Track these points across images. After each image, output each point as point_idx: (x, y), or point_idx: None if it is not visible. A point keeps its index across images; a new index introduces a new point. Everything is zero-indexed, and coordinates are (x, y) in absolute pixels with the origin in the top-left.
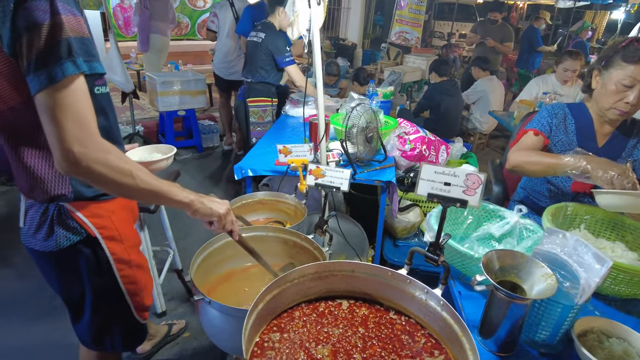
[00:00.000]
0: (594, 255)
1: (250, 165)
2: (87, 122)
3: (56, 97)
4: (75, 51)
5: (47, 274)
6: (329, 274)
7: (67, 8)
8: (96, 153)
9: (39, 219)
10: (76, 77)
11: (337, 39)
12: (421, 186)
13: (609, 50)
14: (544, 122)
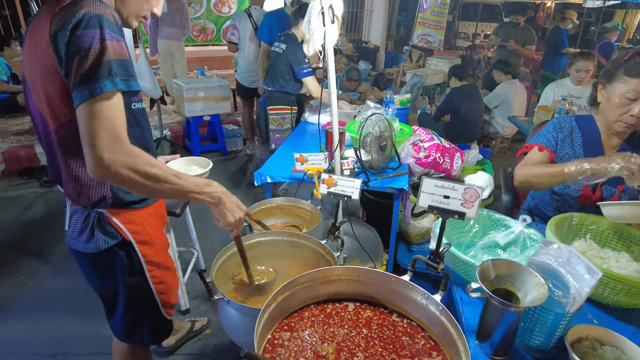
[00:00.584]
0: (586, 266)
1: (270, 172)
2: (119, 133)
3: (93, 109)
4: (114, 71)
5: (87, 273)
6: (336, 278)
7: (113, 35)
8: (124, 158)
9: (82, 224)
10: (113, 93)
11: (360, 41)
12: (422, 199)
13: (612, 64)
14: (549, 136)
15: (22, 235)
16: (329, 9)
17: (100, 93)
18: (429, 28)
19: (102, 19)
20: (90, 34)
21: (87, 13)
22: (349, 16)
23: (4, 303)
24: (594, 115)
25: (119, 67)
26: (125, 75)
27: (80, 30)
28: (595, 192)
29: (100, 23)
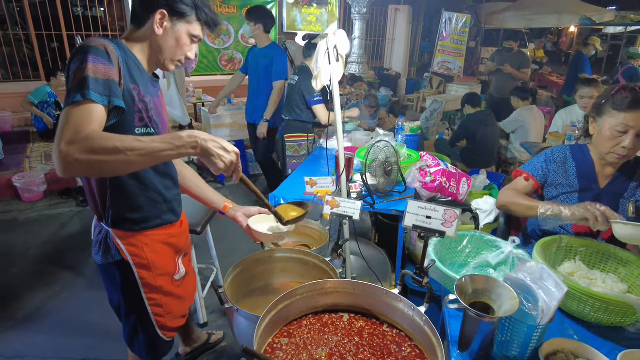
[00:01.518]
0: (554, 282)
1: (283, 194)
2: (82, 129)
3: (66, 113)
4: (88, 85)
5: (102, 280)
6: (333, 290)
7: (96, 58)
8: (79, 144)
9: (97, 237)
10: (82, 102)
11: (382, 69)
12: (407, 219)
13: (601, 98)
14: (538, 167)
15: (59, 250)
16: (334, 49)
17: (71, 103)
18: (449, 55)
19: (90, 48)
20: (78, 59)
21: (82, 45)
22: (370, 44)
23: (40, 312)
24: (588, 145)
25: (95, 83)
26: (103, 91)
27: (73, 57)
28: None
29: (87, 51)
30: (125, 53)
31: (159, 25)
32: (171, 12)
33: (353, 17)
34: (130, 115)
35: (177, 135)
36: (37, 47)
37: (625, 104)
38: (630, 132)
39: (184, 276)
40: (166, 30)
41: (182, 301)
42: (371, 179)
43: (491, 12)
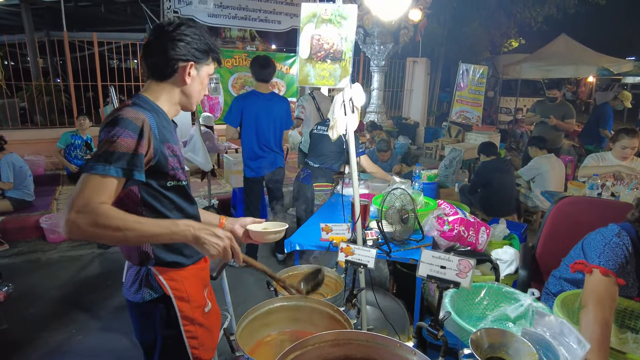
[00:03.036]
0: (576, 338)
1: (298, 241)
2: (92, 202)
3: (84, 180)
4: (111, 161)
5: (134, 321)
6: (346, 341)
7: (126, 132)
8: (86, 216)
9: (134, 277)
10: (102, 176)
11: (400, 118)
12: (421, 268)
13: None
14: (619, 261)
15: (77, 292)
16: (350, 101)
17: (91, 172)
18: (466, 105)
19: (123, 120)
20: (108, 129)
21: (117, 115)
22: (389, 95)
23: (56, 353)
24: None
25: (119, 157)
26: (127, 165)
27: (106, 125)
28: None
29: (118, 122)
30: (157, 114)
31: (188, 75)
32: (196, 60)
33: (372, 69)
34: (163, 174)
35: (174, 223)
36: (74, 97)
37: None
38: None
39: (210, 309)
40: (193, 77)
41: (211, 333)
42: (387, 226)
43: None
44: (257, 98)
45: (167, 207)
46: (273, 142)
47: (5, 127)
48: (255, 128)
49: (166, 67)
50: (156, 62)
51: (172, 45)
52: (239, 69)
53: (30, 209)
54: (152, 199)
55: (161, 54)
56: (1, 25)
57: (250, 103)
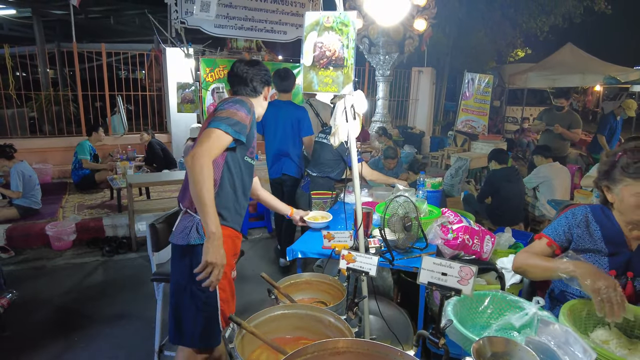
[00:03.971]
0: (581, 347)
1: (301, 248)
2: (211, 152)
3: (211, 132)
4: (231, 124)
5: (174, 261)
6: (345, 350)
7: (243, 108)
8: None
9: (185, 223)
10: (223, 132)
11: (406, 127)
12: (422, 275)
13: (606, 166)
14: (560, 231)
15: (80, 299)
16: (351, 108)
17: (217, 127)
18: (472, 114)
19: (243, 102)
20: (235, 103)
21: (240, 98)
22: (394, 104)
23: None
24: (610, 209)
25: (235, 123)
26: (237, 128)
27: (232, 101)
28: (626, 287)
29: (241, 102)
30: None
31: (267, 92)
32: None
33: (377, 79)
34: (247, 148)
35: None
36: (82, 106)
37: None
38: None
39: (234, 277)
40: (265, 96)
41: (232, 299)
42: (390, 234)
43: (514, 73)
44: (275, 107)
45: (237, 173)
46: (285, 147)
47: (14, 136)
48: (272, 134)
49: (258, 86)
50: (254, 80)
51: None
52: None
53: (36, 216)
54: (232, 163)
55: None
56: (13, 37)
57: (269, 111)
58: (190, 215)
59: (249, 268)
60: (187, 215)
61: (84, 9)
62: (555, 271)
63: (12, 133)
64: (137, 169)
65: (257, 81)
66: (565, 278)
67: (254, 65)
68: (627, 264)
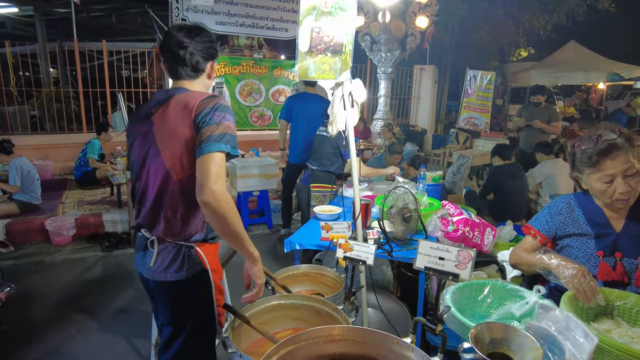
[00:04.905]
0: (583, 332)
1: (299, 240)
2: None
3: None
4: (230, 142)
5: (167, 301)
6: (341, 337)
7: (230, 117)
8: (224, 195)
9: (173, 256)
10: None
11: (408, 125)
12: (419, 260)
13: (570, 157)
14: (542, 221)
15: (78, 294)
16: (349, 95)
17: (219, 150)
18: (474, 111)
19: (228, 107)
20: (222, 113)
21: (223, 102)
22: (396, 102)
23: (55, 354)
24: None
25: (231, 138)
26: (234, 143)
27: (217, 108)
28: (616, 268)
29: (228, 109)
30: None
31: (211, 69)
32: (215, 58)
33: (379, 76)
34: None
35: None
36: (83, 104)
37: (593, 160)
38: (616, 179)
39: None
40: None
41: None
42: (389, 226)
43: (517, 71)
44: (303, 98)
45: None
46: (304, 135)
47: (16, 132)
48: (301, 124)
49: (199, 65)
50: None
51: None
52: (246, 76)
53: (36, 212)
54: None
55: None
56: (16, 35)
57: (296, 102)
58: (173, 244)
59: None
60: (167, 244)
61: (86, 7)
62: (534, 266)
63: (13, 130)
64: None
65: (199, 56)
66: (544, 272)
67: (193, 34)
68: (614, 245)
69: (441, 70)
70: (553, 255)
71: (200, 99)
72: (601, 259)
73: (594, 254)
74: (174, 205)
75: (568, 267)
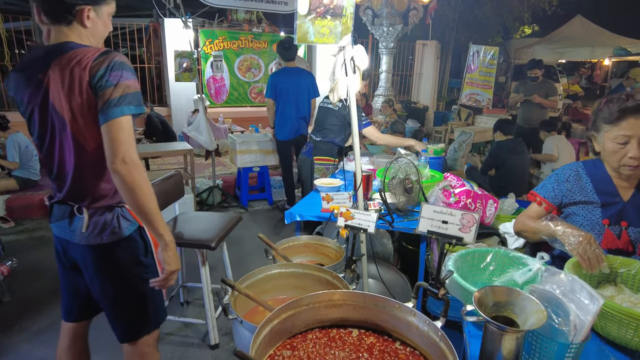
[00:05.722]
0: (588, 294)
1: (299, 212)
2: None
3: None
4: (133, 102)
5: (103, 265)
6: (342, 302)
7: (128, 75)
8: (137, 162)
9: (105, 220)
10: (130, 117)
11: (409, 102)
12: (421, 224)
13: (593, 115)
14: (549, 188)
15: None
16: (351, 61)
17: (123, 114)
18: (477, 87)
19: (125, 64)
20: (116, 71)
21: (119, 59)
22: (398, 79)
23: (56, 326)
24: (601, 160)
25: (134, 97)
26: (138, 102)
27: (113, 68)
28: (620, 237)
29: (124, 67)
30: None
31: (87, 18)
32: (92, 3)
33: (380, 51)
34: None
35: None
36: None
37: (615, 115)
38: (631, 141)
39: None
40: (93, 20)
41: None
42: (391, 197)
43: (520, 47)
44: (287, 73)
45: None
46: (303, 111)
47: (13, 109)
48: (289, 99)
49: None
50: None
51: None
52: (245, 51)
53: (35, 187)
54: None
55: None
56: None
57: (281, 78)
58: (103, 209)
59: (248, 238)
60: (95, 209)
61: None
62: (540, 233)
63: (10, 107)
64: (137, 142)
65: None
66: (550, 240)
67: None
68: (621, 214)
69: (444, 46)
70: (559, 222)
71: (92, 57)
72: (606, 227)
73: (599, 222)
74: (96, 176)
75: (574, 234)
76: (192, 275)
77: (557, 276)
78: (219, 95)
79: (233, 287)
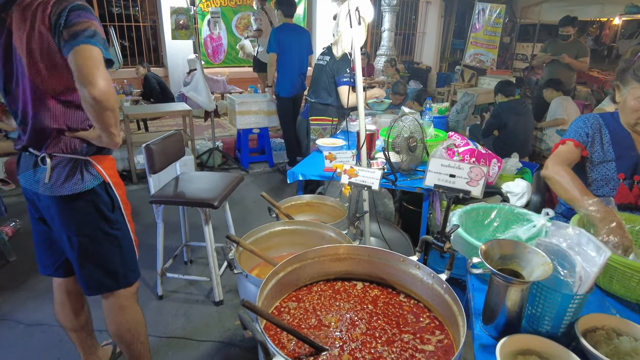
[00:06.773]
0: (595, 246)
1: (301, 171)
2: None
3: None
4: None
5: (67, 217)
6: (347, 256)
7: (91, 16)
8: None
9: (69, 170)
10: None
11: (412, 62)
12: (428, 178)
13: (625, 64)
14: (581, 132)
15: None
16: (356, 11)
17: (91, 44)
18: (481, 47)
19: (86, 7)
20: (77, 13)
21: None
22: (400, 38)
23: None
24: (619, 112)
25: (101, 38)
26: (104, 45)
27: (73, 12)
28: (632, 189)
29: (85, 8)
30: None
31: None
32: None
33: (383, 9)
34: None
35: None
36: None
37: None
38: None
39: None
40: None
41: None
42: (394, 156)
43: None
44: (289, 29)
45: None
46: (305, 66)
47: None
48: (289, 54)
49: None
50: None
51: None
52: (242, 8)
53: None
54: None
55: None
56: None
57: (284, 34)
58: (66, 161)
59: (250, 200)
60: (58, 160)
61: None
62: (577, 204)
63: None
64: (134, 103)
65: None
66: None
67: None
68: (635, 167)
69: (447, 4)
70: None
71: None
72: (621, 181)
73: (614, 177)
74: (56, 121)
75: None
76: (195, 234)
77: (564, 230)
78: (217, 55)
79: (238, 242)
